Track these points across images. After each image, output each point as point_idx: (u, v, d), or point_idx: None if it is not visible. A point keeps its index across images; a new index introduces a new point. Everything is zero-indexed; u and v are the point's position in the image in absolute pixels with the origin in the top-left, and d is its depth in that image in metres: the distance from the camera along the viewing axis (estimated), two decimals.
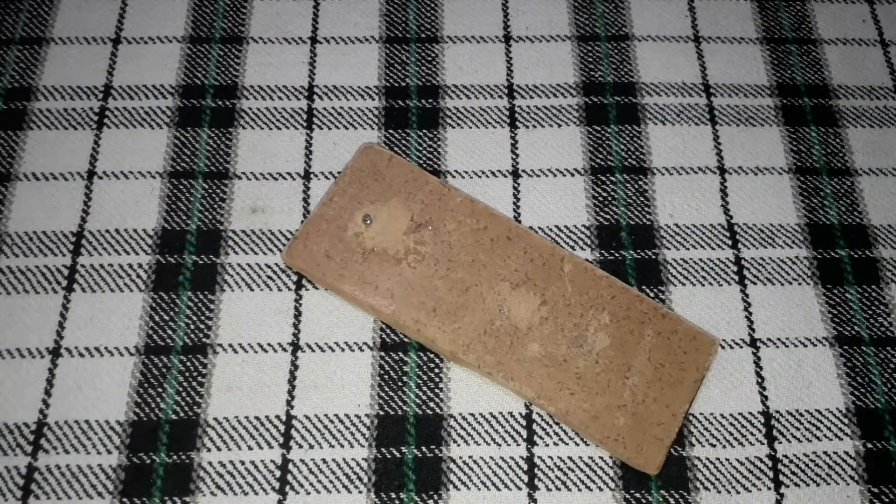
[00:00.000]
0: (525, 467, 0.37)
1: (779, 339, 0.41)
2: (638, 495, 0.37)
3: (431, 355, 0.40)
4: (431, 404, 0.39)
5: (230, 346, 0.39)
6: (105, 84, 0.46)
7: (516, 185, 0.44)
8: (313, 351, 0.39)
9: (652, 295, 0.42)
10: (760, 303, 0.41)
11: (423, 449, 0.38)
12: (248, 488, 0.37)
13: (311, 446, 0.37)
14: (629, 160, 0.45)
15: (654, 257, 0.42)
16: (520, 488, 0.37)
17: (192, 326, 0.40)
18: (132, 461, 0.37)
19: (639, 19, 0.49)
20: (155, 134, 0.45)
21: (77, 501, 0.36)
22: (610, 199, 0.44)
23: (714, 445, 0.38)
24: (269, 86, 0.46)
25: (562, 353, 0.38)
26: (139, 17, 0.48)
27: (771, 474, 0.37)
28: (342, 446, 0.38)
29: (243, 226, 0.42)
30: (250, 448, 0.37)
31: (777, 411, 0.39)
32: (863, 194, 0.45)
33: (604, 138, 0.45)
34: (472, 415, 0.38)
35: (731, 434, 0.38)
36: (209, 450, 0.37)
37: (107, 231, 0.42)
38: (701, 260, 0.42)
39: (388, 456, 0.37)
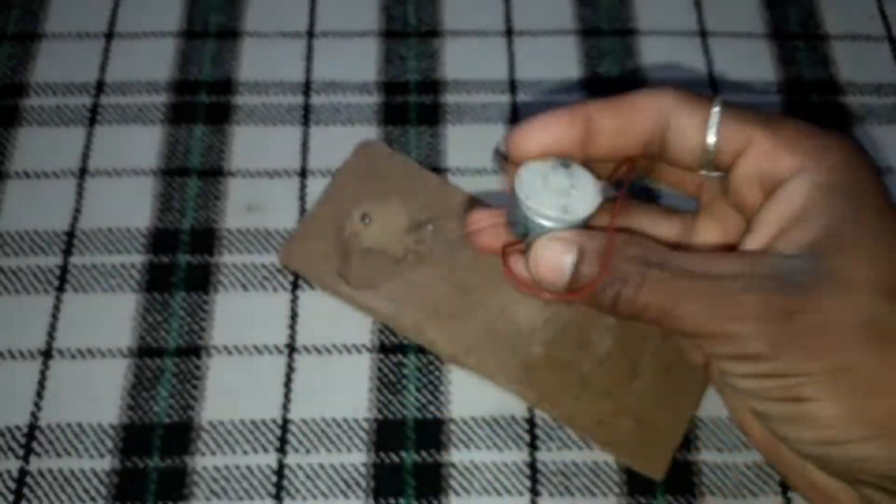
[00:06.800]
0: (528, 472, 0.37)
1: None
2: (643, 500, 0.36)
3: (431, 358, 0.39)
4: (431, 408, 0.38)
5: (225, 348, 0.39)
6: (98, 80, 0.45)
7: None
8: (310, 353, 0.39)
9: None
10: None
11: (423, 454, 0.37)
12: (243, 493, 0.36)
13: (308, 451, 0.37)
14: None
15: None
16: (522, 494, 0.36)
17: (186, 328, 0.39)
18: (125, 465, 0.36)
19: (643, 13, 0.49)
20: (148, 130, 0.44)
21: None
22: None
23: (721, 450, 0.37)
24: (265, 81, 0.46)
25: (565, 355, 0.38)
26: (132, 11, 0.48)
27: (778, 479, 0.37)
28: (339, 451, 0.37)
29: (238, 224, 0.42)
30: (245, 452, 0.37)
31: None
32: None
33: None
34: (474, 419, 0.38)
35: (738, 438, 0.37)
36: (203, 454, 0.37)
37: (99, 230, 0.41)
38: None
39: (387, 461, 0.37)
